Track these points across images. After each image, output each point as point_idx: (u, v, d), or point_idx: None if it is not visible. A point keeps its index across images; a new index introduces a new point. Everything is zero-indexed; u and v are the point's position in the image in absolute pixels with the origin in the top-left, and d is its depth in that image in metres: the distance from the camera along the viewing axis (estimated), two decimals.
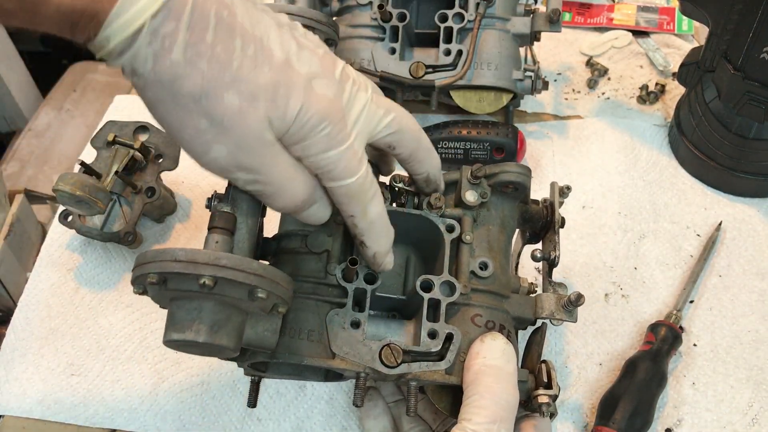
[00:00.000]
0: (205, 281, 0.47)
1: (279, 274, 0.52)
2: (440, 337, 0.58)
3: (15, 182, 1.43)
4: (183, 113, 0.48)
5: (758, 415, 0.72)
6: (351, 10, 0.92)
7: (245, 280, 0.49)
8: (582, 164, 0.94)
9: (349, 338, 0.58)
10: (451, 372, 0.58)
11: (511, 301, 0.62)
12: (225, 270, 0.48)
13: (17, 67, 1.85)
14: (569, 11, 1.15)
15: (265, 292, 0.50)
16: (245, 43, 0.48)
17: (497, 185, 0.63)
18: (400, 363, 0.57)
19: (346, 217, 0.56)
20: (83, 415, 0.74)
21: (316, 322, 0.58)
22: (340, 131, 0.51)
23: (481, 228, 0.63)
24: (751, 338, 0.78)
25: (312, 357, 0.57)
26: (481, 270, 0.61)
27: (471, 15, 0.87)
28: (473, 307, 0.60)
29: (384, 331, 0.60)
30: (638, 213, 0.89)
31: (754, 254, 0.84)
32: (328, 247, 0.61)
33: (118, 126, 0.87)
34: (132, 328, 0.80)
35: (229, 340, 0.51)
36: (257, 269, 0.49)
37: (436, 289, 0.59)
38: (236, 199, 0.56)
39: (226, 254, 0.49)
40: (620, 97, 1.03)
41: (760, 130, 0.84)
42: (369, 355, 0.57)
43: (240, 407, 0.74)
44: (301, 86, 0.50)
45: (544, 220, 0.68)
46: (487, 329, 0.59)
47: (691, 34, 1.12)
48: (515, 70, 0.89)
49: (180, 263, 0.48)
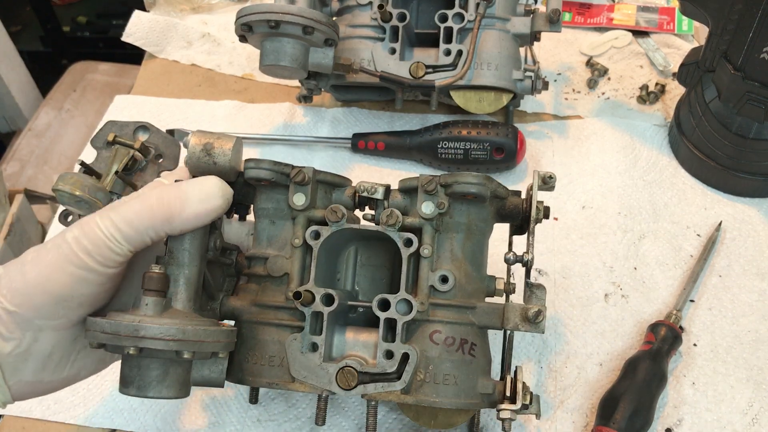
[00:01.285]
0: (129, 351, 0.52)
1: (203, 331, 0.54)
2: (396, 357, 0.59)
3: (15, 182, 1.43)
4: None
5: (758, 415, 0.72)
6: (351, 10, 0.92)
7: (166, 347, 0.53)
8: (582, 164, 0.94)
9: (307, 362, 0.59)
10: (408, 391, 0.59)
11: (478, 311, 0.61)
12: (145, 341, 0.52)
13: (17, 67, 1.85)
14: (569, 11, 1.15)
15: (190, 353, 0.54)
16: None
17: (455, 195, 0.61)
18: (355, 386, 0.58)
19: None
20: (83, 415, 0.74)
21: (276, 347, 0.60)
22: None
23: (444, 237, 0.62)
24: (751, 338, 0.78)
25: (273, 382, 0.60)
26: (441, 284, 0.60)
27: (471, 15, 0.87)
28: (432, 323, 0.60)
29: (351, 346, 0.61)
30: (638, 213, 0.89)
31: (754, 254, 0.84)
32: (287, 270, 0.62)
33: (118, 126, 0.87)
34: None
35: (169, 391, 0.56)
36: (175, 335, 0.53)
37: (392, 308, 0.59)
38: (173, 251, 0.58)
39: (146, 325, 0.52)
40: (620, 97, 1.03)
41: (760, 130, 0.84)
42: (326, 378, 0.59)
43: (240, 407, 0.74)
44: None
45: (524, 214, 0.64)
46: (446, 345, 0.59)
47: (691, 34, 1.12)
48: (515, 70, 0.89)
49: (106, 335, 0.53)
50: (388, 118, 1.02)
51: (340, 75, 0.92)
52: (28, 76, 1.90)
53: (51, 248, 0.54)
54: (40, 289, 0.53)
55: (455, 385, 0.59)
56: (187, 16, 1.21)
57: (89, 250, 0.53)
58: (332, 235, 0.61)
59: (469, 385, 0.60)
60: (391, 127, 1.01)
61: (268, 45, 0.80)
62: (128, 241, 0.54)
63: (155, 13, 1.20)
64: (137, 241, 0.55)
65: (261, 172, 0.61)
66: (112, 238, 0.54)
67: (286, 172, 0.62)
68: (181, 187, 0.57)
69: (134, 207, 0.55)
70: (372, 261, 0.67)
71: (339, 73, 0.89)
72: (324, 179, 0.63)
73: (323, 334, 0.59)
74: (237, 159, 0.62)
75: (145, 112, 1.06)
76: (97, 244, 0.53)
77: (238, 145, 0.62)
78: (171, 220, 0.55)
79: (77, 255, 0.53)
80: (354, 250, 0.67)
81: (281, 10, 0.77)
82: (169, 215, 0.55)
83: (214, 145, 0.61)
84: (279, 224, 0.63)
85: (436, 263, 0.61)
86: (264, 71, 0.84)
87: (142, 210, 0.55)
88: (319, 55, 0.83)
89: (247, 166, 0.62)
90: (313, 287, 0.60)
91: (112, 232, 0.54)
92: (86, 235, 0.54)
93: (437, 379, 0.59)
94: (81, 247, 0.53)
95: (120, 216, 0.54)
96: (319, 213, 0.62)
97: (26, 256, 0.55)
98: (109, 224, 0.54)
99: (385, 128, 1.01)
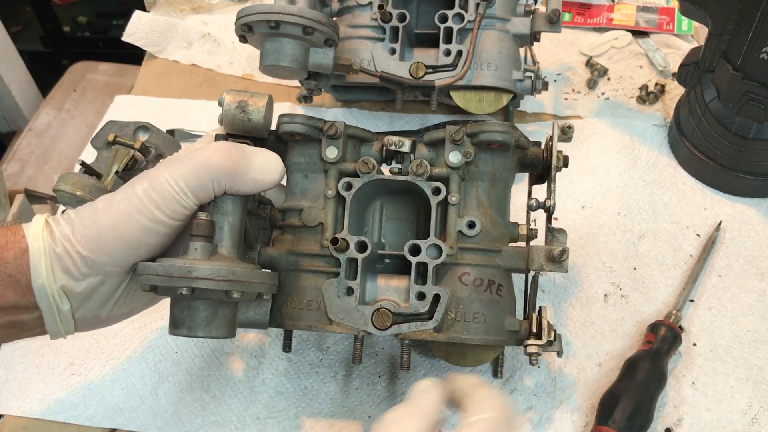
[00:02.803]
0: (182, 292, 0.55)
1: (250, 273, 0.57)
2: (428, 298, 0.62)
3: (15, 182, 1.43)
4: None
5: (758, 415, 0.72)
6: (351, 10, 0.92)
7: (217, 287, 0.56)
8: (582, 164, 0.94)
9: (344, 305, 0.63)
10: (440, 330, 0.62)
11: (503, 254, 0.64)
12: (197, 281, 0.55)
13: (17, 67, 1.85)
14: (569, 11, 1.15)
15: (239, 292, 0.57)
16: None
17: (481, 144, 0.64)
18: (390, 325, 0.62)
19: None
20: (83, 414, 0.74)
21: (314, 292, 0.64)
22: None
23: (470, 185, 0.65)
24: (751, 338, 0.78)
25: (312, 324, 0.63)
26: (468, 229, 0.63)
27: (471, 15, 0.87)
28: (461, 266, 0.63)
29: (383, 292, 0.64)
30: (638, 213, 0.89)
31: (753, 254, 0.85)
32: (321, 220, 0.65)
33: (118, 126, 0.87)
34: (132, 328, 0.80)
35: (218, 331, 0.59)
36: (226, 275, 0.56)
37: (423, 253, 0.63)
38: (218, 201, 0.61)
39: (197, 266, 0.55)
40: (620, 97, 1.03)
41: (759, 130, 0.84)
42: (362, 320, 0.62)
43: (240, 407, 0.74)
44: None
45: (545, 163, 0.68)
46: (475, 286, 0.62)
47: (690, 35, 1.12)
48: (515, 71, 0.89)
49: (159, 277, 0.56)
50: (388, 119, 1.02)
51: (340, 75, 0.92)
52: (28, 76, 1.90)
53: (122, 199, 0.57)
54: (112, 236, 0.57)
55: (484, 323, 0.63)
56: (188, 17, 1.21)
57: (158, 203, 0.57)
58: (363, 186, 0.64)
59: (497, 322, 0.63)
60: (391, 127, 1.01)
61: (268, 45, 0.81)
62: (194, 193, 0.58)
63: (155, 13, 1.20)
64: (203, 194, 0.58)
65: (295, 126, 0.64)
66: (180, 192, 0.57)
67: (319, 126, 0.65)
68: (246, 150, 0.60)
69: (201, 160, 0.58)
70: (397, 215, 0.70)
71: (339, 73, 0.89)
72: (354, 134, 0.66)
73: (358, 278, 0.63)
74: (269, 116, 0.65)
75: (145, 112, 1.06)
76: (165, 197, 0.57)
77: (270, 103, 0.65)
78: (234, 178, 0.59)
79: (147, 207, 0.57)
80: (380, 204, 0.69)
81: (281, 11, 0.77)
82: (235, 173, 0.58)
83: (249, 103, 0.64)
84: (312, 177, 0.66)
85: (463, 210, 0.64)
86: (264, 71, 0.84)
87: (210, 164, 0.58)
88: (319, 56, 0.83)
89: (281, 121, 0.65)
90: (347, 235, 0.63)
91: (181, 186, 0.57)
92: (155, 189, 0.57)
93: (467, 318, 0.62)
94: (150, 199, 0.57)
95: (188, 169, 0.57)
96: (350, 166, 0.65)
97: (98, 204, 0.58)
98: (178, 177, 0.57)
99: (385, 128, 1.01)
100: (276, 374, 0.76)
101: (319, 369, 0.77)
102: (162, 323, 0.81)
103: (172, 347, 0.79)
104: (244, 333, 0.79)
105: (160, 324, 0.80)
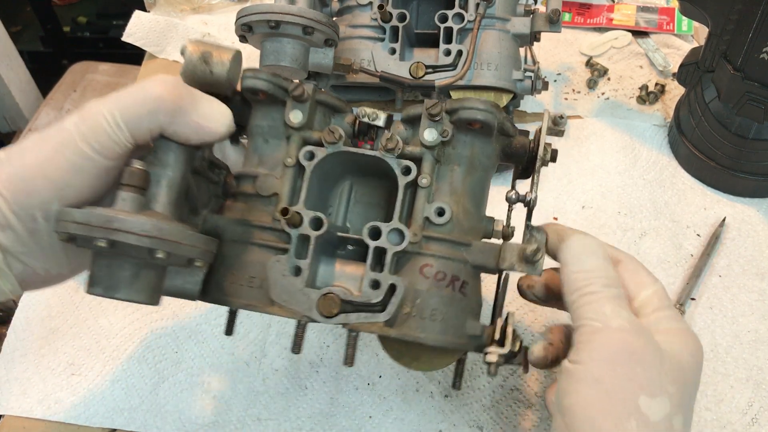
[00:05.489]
0: (98, 243, 0.48)
1: (181, 232, 0.51)
2: (383, 287, 0.56)
3: None
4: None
5: (758, 415, 0.72)
6: (351, 10, 0.92)
7: (139, 243, 0.49)
8: (582, 164, 0.94)
9: (289, 286, 0.56)
10: (392, 324, 0.56)
11: (473, 249, 0.57)
12: (117, 233, 0.48)
13: (17, 67, 1.85)
14: (569, 11, 1.15)
15: (165, 253, 0.50)
16: None
17: (460, 122, 0.58)
18: (337, 313, 0.55)
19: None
20: (83, 415, 0.74)
21: (258, 268, 0.57)
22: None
23: (445, 169, 0.58)
24: (751, 338, 0.78)
25: (250, 303, 0.57)
26: (437, 216, 0.57)
27: (471, 15, 0.87)
28: (424, 256, 0.57)
29: (337, 278, 0.58)
30: (638, 212, 0.89)
31: (753, 254, 0.85)
32: (276, 190, 0.59)
33: None
34: (132, 328, 0.80)
35: (139, 294, 0.52)
36: (150, 231, 0.49)
37: (383, 237, 0.56)
38: (158, 151, 0.55)
39: (120, 217, 0.49)
40: (620, 97, 1.03)
41: (759, 130, 0.84)
42: (307, 304, 0.56)
43: (240, 406, 0.74)
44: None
45: (531, 154, 0.60)
46: (436, 280, 0.56)
47: (690, 35, 1.12)
48: (515, 71, 0.89)
49: (76, 225, 0.49)
50: None
51: (340, 75, 0.92)
52: (28, 76, 1.90)
53: (52, 134, 0.52)
54: (39, 174, 0.51)
55: (442, 321, 0.56)
56: (187, 17, 1.21)
57: (87, 135, 0.51)
58: (327, 158, 0.58)
59: (457, 323, 0.57)
60: None
61: (268, 45, 0.80)
62: (128, 127, 0.52)
63: (155, 14, 1.20)
64: (138, 130, 0.52)
65: (258, 82, 0.58)
66: (113, 124, 0.51)
67: (285, 86, 0.59)
68: (194, 92, 0.55)
69: (139, 89, 0.52)
70: (366, 198, 0.63)
71: (339, 73, 0.89)
72: (324, 100, 0.61)
73: (308, 258, 0.56)
74: (235, 72, 0.59)
75: None
76: (95, 129, 0.51)
77: (237, 58, 0.59)
78: (175, 115, 0.53)
79: (74, 140, 0.51)
80: (349, 185, 0.64)
81: (281, 11, 0.77)
82: (176, 109, 0.53)
83: (213, 54, 0.58)
84: (273, 143, 0.60)
85: (434, 195, 0.58)
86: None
87: (149, 94, 0.52)
88: (319, 56, 0.83)
89: (244, 76, 0.58)
90: (303, 209, 0.57)
91: (115, 117, 0.51)
92: (85, 120, 0.51)
93: (424, 314, 0.56)
94: (79, 131, 0.51)
95: (124, 99, 0.52)
96: (316, 135, 0.59)
97: (27, 142, 0.53)
98: (112, 107, 0.51)
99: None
100: (276, 374, 0.76)
101: (319, 369, 0.77)
102: (162, 323, 0.81)
103: (172, 347, 0.79)
104: (246, 333, 0.79)
105: (161, 324, 0.80)
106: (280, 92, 0.59)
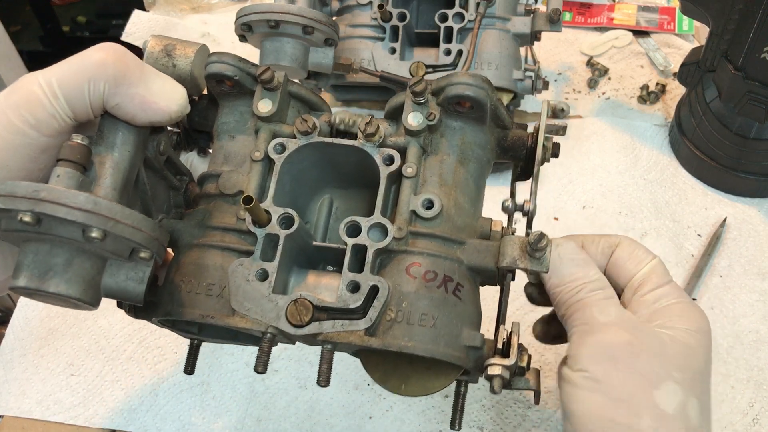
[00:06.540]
0: (22, 217, 0.42)
1: (120, 210, 0.44)
2: (362, 290, 0.48)
3: None
4: None
5: (759, 416, 0.72)
6: (351, 10, 0.92)
7: (68, 216, 0.42)
8: (582, 164, 0.94)
9: (252, 293, 0.48)
10: (373, 333, 0.47)
11: (467, 247, 0.50)
12: (43, 204, 0.42)
13: (17, 67, 1.85)
14: (569, 11, 1.15)
15: (100, 231, 0.43)
16: None
17: (448, 103, 0.51)
18: (308, 321, 0.47)
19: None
20: (83, 415, 0.74)
21: (218, 274, 0.50)
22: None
23: (433, 159, 0.52)
24: (752, 339, 0.77)
25: (207, 314, 0.49)
26: (424, 209, 0.50)
27: (471, 15, 0.87)
28: (411, 254, 0.49)
29: (311, 289, 0.50)
30: (639, 212, 0.89)
31: (754, 254, 0.84)
32: (241, 187, 0.52)
33: None
34: (132, 328, 0.80)
35: (71, 288, 0.45)
36: (83, 204, 0.42)
37: (363, 233, 0.49)
38: (104, 129, 0.49)
39: (48, 186, 0.43)
40: (620, 97, 1.03)
41: (760, 130, 0.84)
42: (273, 312, 0.48)
43: (240, 407, 0.74)
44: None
45: (529, 148, 0.54)
46: (425, 280, 0.48)
47: (691, 34, 1.12)
48: (515, 70, 0.89)
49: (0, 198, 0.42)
50: None
51: (340, 75, 0.92)
52: None
53: None
54: None
55: (433, 328, 0.48)
56: (187, 16, 1.21)
57: (21, 108, 0.45)
58: (301, 151, 0.52)
59: (451, 331, 0.48)
60: None
61: (268, 45, 0.80)
62: (67, 98, 0.46)
63: (155, 13, 1.20)
64: (78, 102, 0.46)
65: (223, 66, 0.52)
66: (50, 95, 0.45)
67: (253, 72, 0.53)
68: (145, 66, 0.49)
69: (80, 56, 0.46)
70: (349, 214, 0.56)
71: (339, 73, 0.88)
72: (299, 93, 0.54)
73: (276, 260, 0.49)
74: (199, 68, 0.53)
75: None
76: (30, 101, 0.45)
77: (202, 53, 0.54)
78: (118, 84, 0.46)
79: (5, 114, 0.45)
80: (329, 200, 0.57)
81: (281, 10, 0.77)
82: (119, 77, 0.46)
83: (177, 47, 0.53)
84: (239, 139, 0.54)
85: (422, 187, 0.51)
86: None
87: (89, 60, 0.46)
88: (319, 55, 0.83)
89: (208, 62, 0.53)
90: (271, 206, 0.50)
91: (53, 87, 0.45)
92: (17, 90, 0.45)
93: (411, 319, 0.48)
94: (11, 104, 0.45)
95: (64, 68, 0.46)
96: (288, 129, 0.53)
97: None
98: (50, 76, 0.45)
99: None
100: (276, 374, 0.76)
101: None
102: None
103: (172, 347, 0.79)
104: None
105: None
106: (248, 80, 0.53)
